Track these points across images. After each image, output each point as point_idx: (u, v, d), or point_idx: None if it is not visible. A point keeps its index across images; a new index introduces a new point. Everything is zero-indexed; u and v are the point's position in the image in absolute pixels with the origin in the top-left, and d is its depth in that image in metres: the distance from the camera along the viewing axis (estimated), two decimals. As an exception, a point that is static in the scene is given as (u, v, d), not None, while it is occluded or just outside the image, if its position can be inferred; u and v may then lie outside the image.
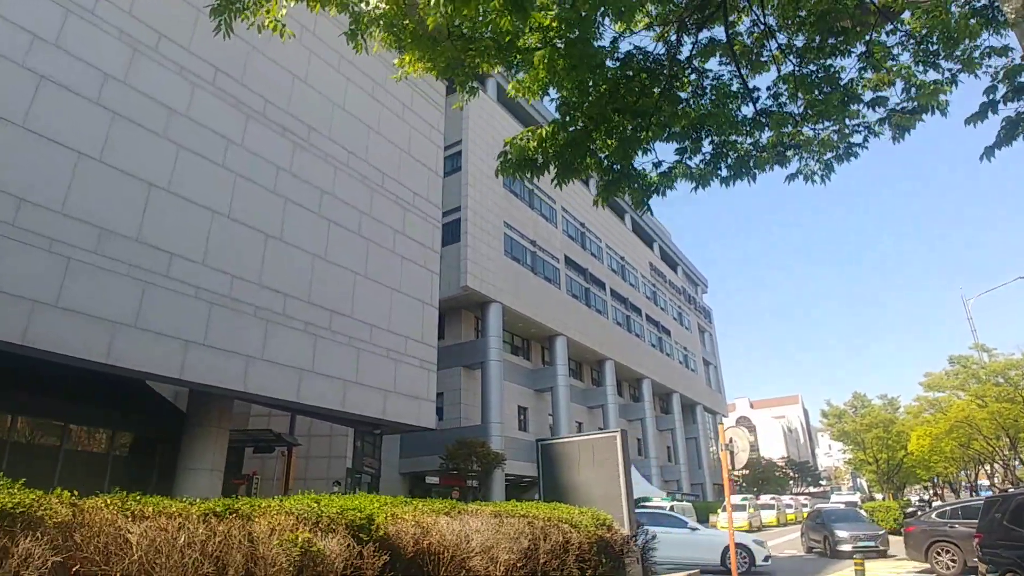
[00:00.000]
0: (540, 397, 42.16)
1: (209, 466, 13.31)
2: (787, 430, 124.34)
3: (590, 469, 10.02)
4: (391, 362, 15.69)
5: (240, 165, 13.55)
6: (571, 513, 8.06)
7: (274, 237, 13.76)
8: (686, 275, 74.64)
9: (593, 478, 9.96)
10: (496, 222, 38.50)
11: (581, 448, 10.31)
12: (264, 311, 13.05)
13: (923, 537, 15.56)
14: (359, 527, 4.74)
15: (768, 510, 39.04)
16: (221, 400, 13.75)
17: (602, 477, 9.75)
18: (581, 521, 7.79)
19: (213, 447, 13.46)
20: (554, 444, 11.34)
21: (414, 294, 17.06)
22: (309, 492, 5.72)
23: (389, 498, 6.40)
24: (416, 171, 18.49)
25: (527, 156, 6.51)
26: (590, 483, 10.01)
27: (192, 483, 13.11)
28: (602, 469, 9.74)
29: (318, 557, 3.84)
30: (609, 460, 9.64)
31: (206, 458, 13.31)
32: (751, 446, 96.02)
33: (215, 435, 13.55)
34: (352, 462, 25.79)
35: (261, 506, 4.13)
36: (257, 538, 3.65)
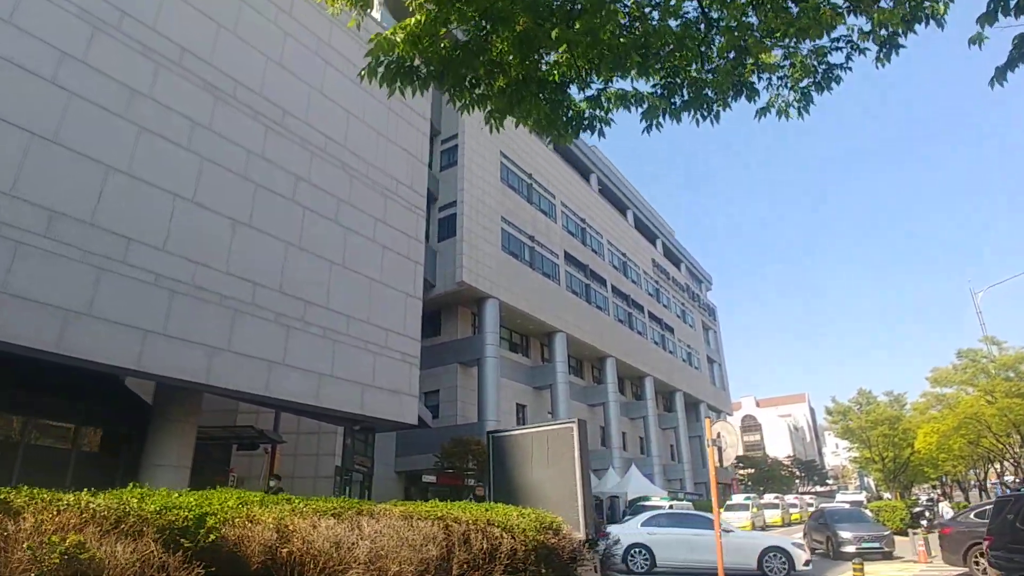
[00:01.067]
0: (539, 395, 41.54)
1: (175, 462, 12.73)
2: (793, 429, 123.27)
3: (544, 465, 9.05)
4: (370, 355, 15.07)
5: (207, 148, 12.95)
6: (507, 515, 7.19)
7: (243, 223, 13.16)
8: (690, 272, 73.84)
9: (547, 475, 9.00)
10: (493, 216, 37.90)
11: (535, 441, 9.35)
12: (231, 300, 12.45)
13: (962, 539, 14.55)
14: (181, 530, 3.96)
15: (772, 509, 38.21)
16: (188, 393, 13.16)
17: (557, 474, 8.78)
18: (518, 524, 6.94)
19: (179, 443, 12.86)
20: (505, 436, 10.33)
21: (396, 285, 16.43)
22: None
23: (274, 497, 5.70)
24: (399, 158, 17.86)
25: (402, 62, 5.36)
26: (543, 481, 9.05)
27: (158, 480, 12.46)
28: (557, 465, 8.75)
29: (90, 566, 3.00)
30: (565, 455, 8.63)
31: (171, 454, 12.72)
32: (755, 445, 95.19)
33: (181, 430, 12.96)
34: (342, 460, 25.24)
35: (45, 499, 3.37)
36: (12, 537, 2.97)
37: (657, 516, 16.72)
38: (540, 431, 9.52)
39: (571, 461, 8.38)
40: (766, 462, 73.91)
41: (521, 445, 9.67)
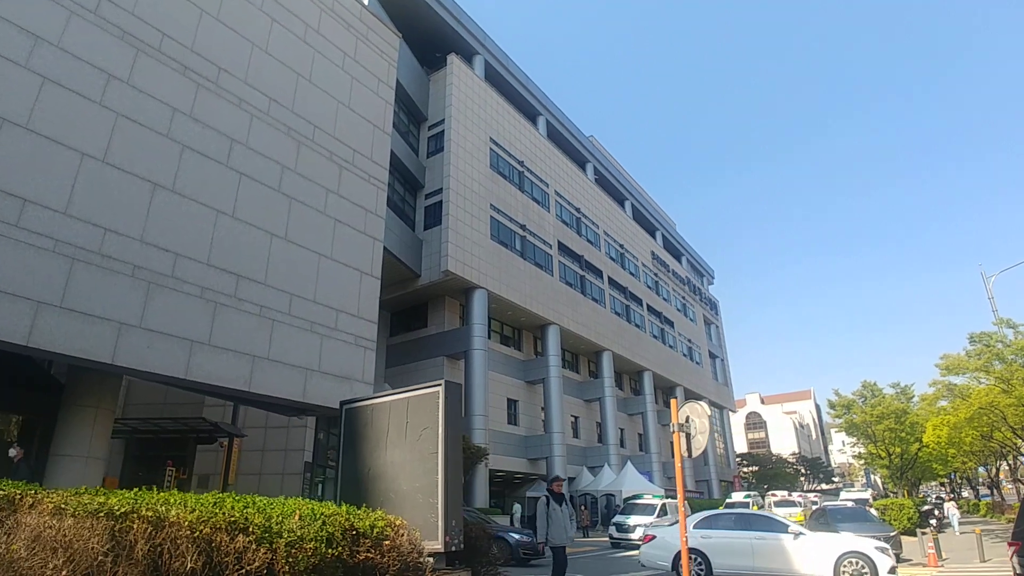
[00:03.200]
0: (532, 389, 40.10)
1: (85, 452, 11.32)
2: (798, 425, 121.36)
3: (400, 446, 6.93)
4: (316, 337, 13.63)
5: (123, 104, 11.53)
6: (271, 514, 4.99)
7: (163, 187, 11.73)
8: (691, 265, 72.18)
9: (403, 459, 6.90)
10: (482, 204, 36.45)
11: (392, 413, 7.15)
12: (145, 271, 11.02)
13: None
14: None
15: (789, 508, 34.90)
16: (101, 377, 11.77)
17: (416, 458, 6.68)
18: (290, 530, 4.85)
19: (91, 431, 11.45)
20: (360, 408, 8.20)
21: (349, 262, 14.98)
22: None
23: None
24: (358, 127, 16.41)
25: None
26: (397, 468, 6.96)
27: (64, 471, 11.13)
28: (416, 445, 6.65)
29: None
30: (428, 431, 6.46)
31: (82, 444, 11.32)
32: (760, 442, 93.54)
33: (93, 418, 11.55)
34: (313, 456, 23.84)
35: None
36: None
37: (712, 517, 14.62)
38: (399, 399, 7.24)
39: (435, 440, 6.25)
40: (771, 459, 72.19)
41: (377, 419, 7.53)
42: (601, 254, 49.22)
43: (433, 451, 6.19)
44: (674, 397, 9.50)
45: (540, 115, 46.78)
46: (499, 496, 40.98)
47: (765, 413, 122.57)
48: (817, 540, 13.11)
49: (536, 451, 37.61)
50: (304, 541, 4.84)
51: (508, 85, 43.66)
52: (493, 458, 33.90)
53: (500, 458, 35.29)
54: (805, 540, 13.03)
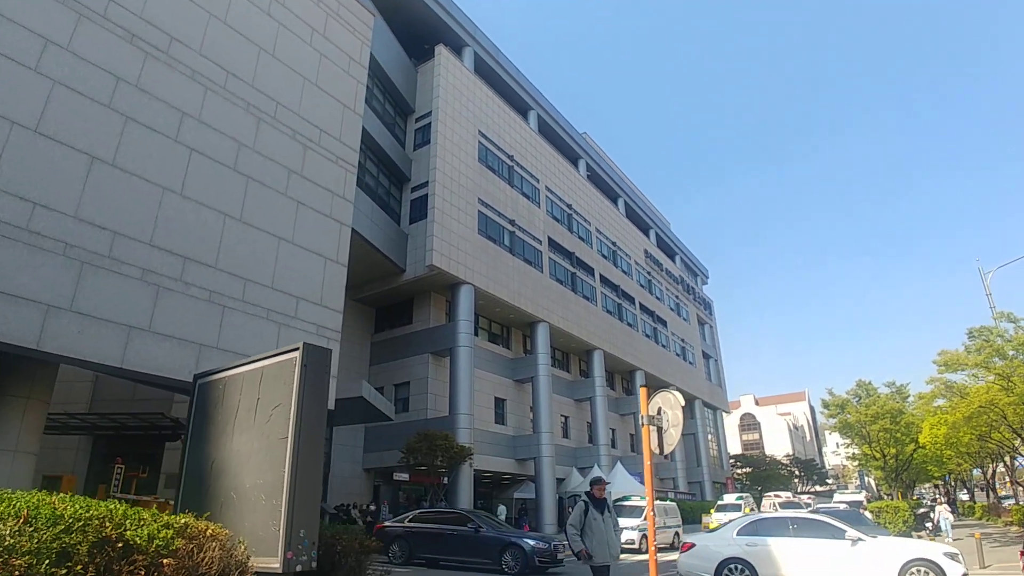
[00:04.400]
0: (521, 388, 39.22)
1: (13, 446, 10.41)
2: (793, 427, 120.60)
3: (249, 430, 5.49)
4: (272, 326, 12.75)
5: (59, 70, 10.65)
6: None
7: (103, 161, 10.85)
8: (685, 264, 71.38)
9: (249, 448, 5.43)
10: (469, 198, 35.58)
11: (245, 387, 5.73)
12: (78, 250, 10.14)
13: None
14: None
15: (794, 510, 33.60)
16: (31, 365, 10.86)
17: (264, 446, 5.21)
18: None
19: (20, 424, 10.55)
20: (212, 382, 6.79)
21: (312, 247, 14.10)
22: None
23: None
24: (325, 105, 15.55)
25: None
26: (243, 458, 5.50)
27: (-8, 468, 10.24)
28: (266, 430, 5.17)
29: None
30: (279, 412, 4.95)
31: (9, 437, 10.40)
32: (754, 443, 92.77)
33: (24, 409, 10.65)
34: (286, 455, 22.98)
35: None
36: None
37: (758, 522, 13.18)
38: (252, 368, 5.74)
39: (286, 423, 4.74)
40: (765, 461, 71.38)
41: (229, 396, 6.07)
42: (593, 251, 48.39)
43: (283, 436, 4.71)
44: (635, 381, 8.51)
45: (531, 109, 45.96)
46: (487, 498, 40.10)
47: (759, 414, 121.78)
48: (878, 547, 11.79)
49: (524, 451, 36.73)
50: (14, 554, 3.18)
51: (498, 78, 42.82)
52: (479, 458, 32.99)
53: (487, 458, 34.39)
54: (864, 547, 11.71)
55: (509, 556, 15.41)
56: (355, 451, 33.50)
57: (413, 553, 16.67)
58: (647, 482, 7.53)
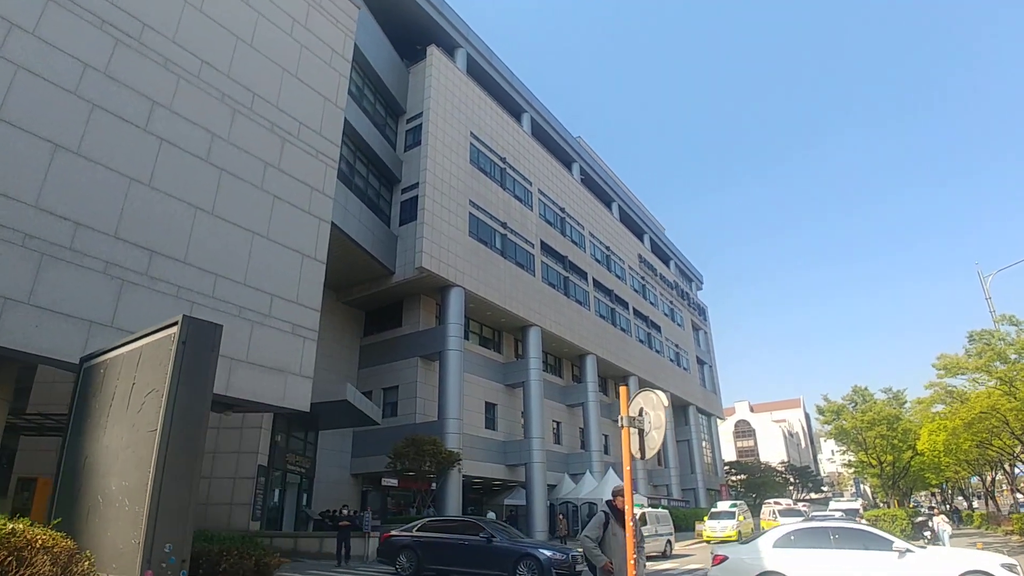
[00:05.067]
0: (512, 393, 38.69)
1: (-36, 450, 9.94)
2: (788, 434, 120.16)
3: (122, 421, 4.64)
4: (244, 324, 12.27)
5: (25, 56, 10.20)
6: None
7: (67, 149, 10.39)
8: (679, 270, 71.03)
9: (119, 443, 4.59)
10: (460, 199, 35.15)
11: (123, 369, 4.88)
12: (37, 241, 9.66)
13: None
14: None
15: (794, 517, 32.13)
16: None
17: (134, 441, 4.36)
18: None
19: (-26, 426, 10.09)
20: (94, 366, 6.08)
21: (289, 243, 13.64)
22: None
23: None
24: (305, 98, 15.11)
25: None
26: (112, 455, 4.66)
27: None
28: (137, 421, 4.29)
29: None
30: (152, 398, 4.09)
31: (-37, 439, 9.96)
32: (749, 451, 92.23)
33: (-22, 409, 10.19)
34: (268, 459, 22.45)
35: None
36: None
37: (797, 533, 12.09)
38: (132, 348, 4.84)
39: (156, 412, 3.85)
40: (759, 468, 70.86)
41: (108, 381, 5.26)
42: (586, 255, 47.99)
43: (152, 429, 3.83)
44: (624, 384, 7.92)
45: (525, 112, 45.62)
46: (478, 504, 39.53)
47: (754, 421, 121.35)
48: (929, 558, 10.89)
49: (515, 457, 36.18)
50: None
51: (491, 80, 42.48)
52: (469, 464, 32.47)
53: (477, 464, 33.87)
54: (913, 558, 10.79)
55: (524, 568, 14.59)
56: (343, 456, 32.93)
57: (422, 564, 15.77)
58: (626, 488, 7.01)
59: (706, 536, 32.81)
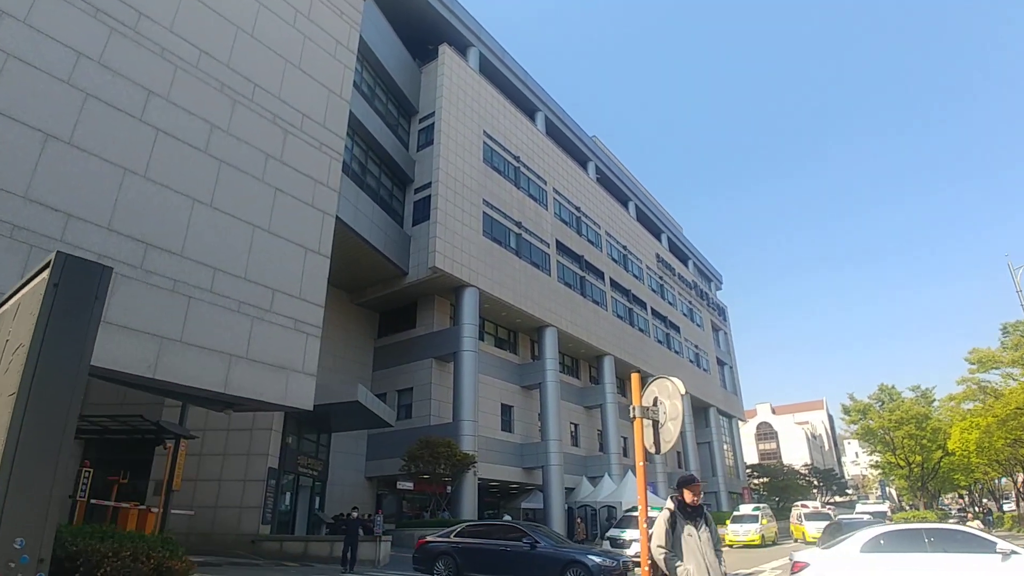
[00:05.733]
0: (528, 395, 38.13)
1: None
2: (811, 436, 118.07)
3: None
4: (244, 319, 11.87)
5: (15, 44, 9.90)
6: None
7: (58, 139, 10.08)
8: (698, 269, 70.04)
9: None
10: (474, 199, 34.74)
11: (2, 325, 3.80)
12: (26, 233, 9.33)
13: None
14: None
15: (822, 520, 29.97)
16: None
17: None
18: None
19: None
20: None
21: (292, 237, 13.25)
22: None
23: None
24: (309, 89, 14.76)
25: None
26: None
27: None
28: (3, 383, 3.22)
29: None
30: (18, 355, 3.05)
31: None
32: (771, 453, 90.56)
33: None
34: (279, 461, 22.09)
35: None
36: None
37: (887, 536, 10.82)
38: (13, 301, 3.81)
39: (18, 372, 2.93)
40: (782, 471, 69.50)
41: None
42: (603, 255, 47.33)
43: (12, 393, 2.99)
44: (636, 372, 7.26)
45: (539, 111, 45.13)
46: (495, 508, 38.96)
47: (776, 423, 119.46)
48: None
49: (532, 460, 35.60)
50: None
51: (504, 79, 42.07)
52: (485, 467, 31.96)
53: (493, 467, 33.34)
54: (1021, 560, 9.65)
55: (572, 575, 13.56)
56: (357, 459, 32.58)
57: (461, 572, 14.90)
58: (639, 487, 6.46)
59: (728, 540, 31.98)
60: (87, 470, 15.43)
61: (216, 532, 20.56)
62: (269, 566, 16.74)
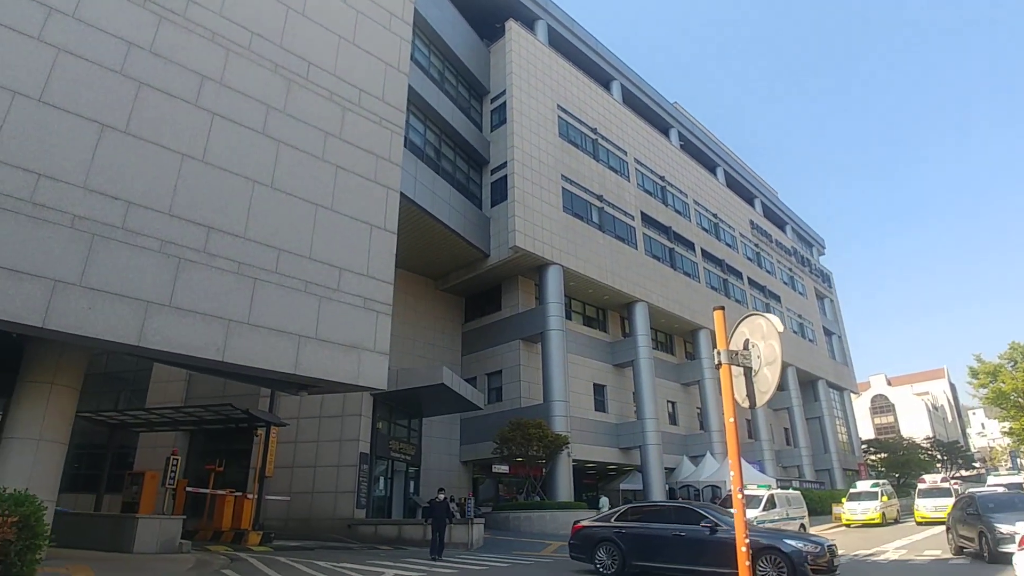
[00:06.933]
0: (621, 374, 37.01)
1: (36, 435, 9.86)
2: (931, 408, 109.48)
3: None
4: (312, 299, 11.65)
5: (66, 38, 10.00)
6: None
7: (115, 128, 10.10)
8: (797, 234, 66.05)
9: None
10: (551, 175, 33.86)
11: None
12: (87, 222, 9.38)
13: None
14: None
15: (942, 497, 27.65)
16: (53, 348, 10.30)
17: None
18: None
19: (44, 411, 10.00)
20: None
21: (356, 214, 12.94)
22: None
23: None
24: (365, 65, 14.40)
25: None
26: None
27: (15, 455, 9.73)
28: None
29: None
30: None
31: (32, 425, 9.87)
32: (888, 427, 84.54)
33: (49, 395, 10.10)
34: (370, 447, 22.24)
35: None
36: None
37: None
38: None
39: None
40: (901, 445, 64.70)
41: None
42: (692, 224, 45.27)
43: None
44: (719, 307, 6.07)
45: (614, 80, 43.53)
46: (594, 490, 38.16)
47: (892, 395, 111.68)
48: None
49: (628, 440, 34.55)
50: None
51: (575, 50, 40.76)
52: (580, 447, 31.26)
53: (588, 448, 32.58)
54: None
55: (766, 564, 11.38)
56: (452, 444, 32.66)
57: (627, 561, 12.92)
58: (731, 449, 5.46)
59: (845, 520, 29.80)
60: (175, 458, 15.86)
61: (314, 517, 20.97)
62: (361, 549, 16.74)
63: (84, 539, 12.67)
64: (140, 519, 12.50)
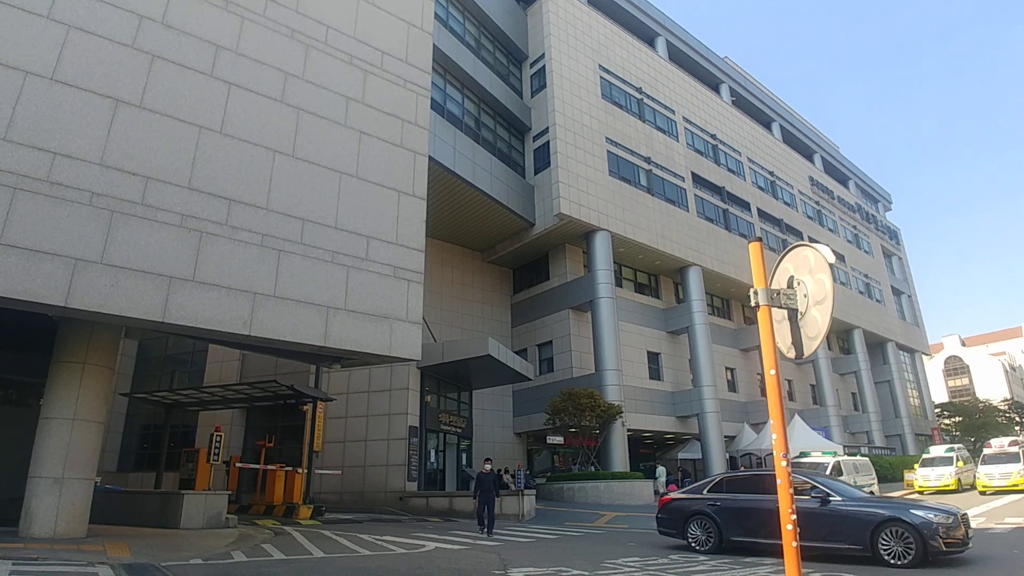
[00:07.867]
0: (676, 341, 36.03)
1: (71, 415, 9.87)
2: (1009, 368, 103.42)
3: None
4: (339, 269, 11.32)
5: (76, 15, 9.79)
6: None
7: (130, 104, 9.90)
8: (861, 190, 62.76)
9: None
10: (595, 138, 32.84)
11: None
12: (105, 199, 9.24)
13: None
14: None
15: (1010, 463, 25.89)
16: (84, 327, 10.31)
17: None
18: None
19: (79, 390, 10.00)
20: None
21: (382, 180, 12.52)
22: None
23: None
24: (386, 25, 13.85)
25: None
26: None
27: (52, 435, 9.81)
28: None
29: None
30: None
31: (67, 405, 9.89)
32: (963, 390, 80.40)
33: (82, 374, 10.10)
34: (420, 420, 22.15)
35: None
36: None
37: None
38: None
39: None
40: (977, 408, 61.40)
41: None
42: (746, 183, 43.42)
43: None
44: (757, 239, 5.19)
45: (658, 36, 41.76)
46: (651, 459, 37.50)
47: (967, 356, 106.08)
48: None
49: (685, 408, 33.67)
50: None
51: (616, 6, 39.19)
52: (636, 417, 30.64)
53: (644, 416, 31.92)
54: None
55: (890, 538, 9.88)
56: (504, 416, 32.52)
57: (724, 536, 11.74)
58: (772, 405, 4.69)
59: (918, 487, 28.32)
60: (218, 434, 16.02)
61: (367, 490, 21.10)
62: (410, 522, 16.65)
63: (136, 516, 12.92)
64: (186, 495, 12.61)
